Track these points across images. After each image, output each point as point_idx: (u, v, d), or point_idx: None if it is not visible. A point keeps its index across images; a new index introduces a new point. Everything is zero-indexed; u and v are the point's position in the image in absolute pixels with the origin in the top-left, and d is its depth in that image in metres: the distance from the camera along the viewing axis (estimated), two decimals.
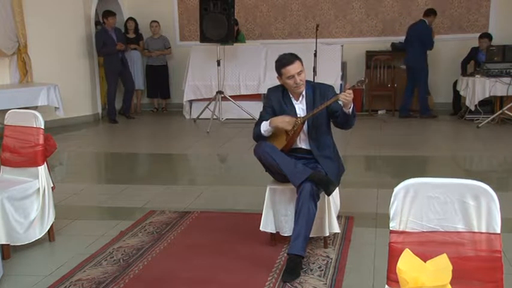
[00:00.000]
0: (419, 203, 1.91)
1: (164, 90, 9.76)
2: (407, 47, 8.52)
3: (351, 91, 3.16)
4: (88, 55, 8.81)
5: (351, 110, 3.26)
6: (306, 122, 3.42)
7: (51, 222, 3.64)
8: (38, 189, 3.57)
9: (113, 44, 8.53)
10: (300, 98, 3.48)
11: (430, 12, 8.44)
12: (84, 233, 3.86)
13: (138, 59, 9.50)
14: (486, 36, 8.37)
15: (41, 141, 3.56)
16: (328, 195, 3.27)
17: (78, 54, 8.67)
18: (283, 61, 3.38)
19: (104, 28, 8.70)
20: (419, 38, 8.29)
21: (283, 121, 3.36)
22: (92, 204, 4.63)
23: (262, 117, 3.48)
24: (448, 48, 8.66)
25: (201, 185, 5.09)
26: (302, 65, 3.39)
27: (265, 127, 3.42)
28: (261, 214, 3.46)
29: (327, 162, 3.43)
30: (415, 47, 8.32)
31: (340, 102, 3.25)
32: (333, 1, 9.35)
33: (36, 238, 3.56)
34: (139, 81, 9.52)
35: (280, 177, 3.39)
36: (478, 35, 8.50)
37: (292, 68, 3.34)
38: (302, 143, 3.49)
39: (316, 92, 3.45)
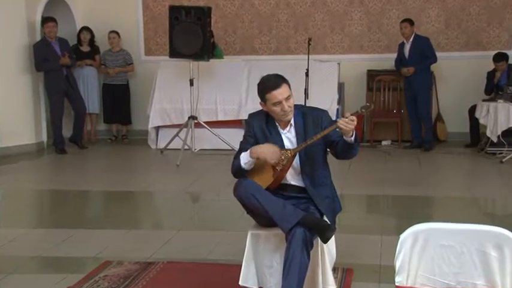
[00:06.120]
0: (431, 253, 1.92)
1: (124, 115, 9.73)
2: None
3: (353, 117, 3.13)
4: (31, 71, 8.74)
5: (353, 138, 3.23)
6: (297, 155, 3.42)
7: None
8: None
9: (56, 58, 8.52)
10: (288, 127, 3.46)
11: None
12: None
13: (93, 76, 9.52)
14: (503, 58, 8.35)
15: None
16: (325, 242, 3.24)
17: (18, 70, 8.61)
18: (268, 84, 3.36)
19: (45, 39, 8.66)
20: None
21: (267, 152, 3.30)
22: (33, 253, 4.55)
23: (242, 149, 3.44)
24: (463, 67, 8.77)
25: (168, 230, 5.06)
26: (290, 88, 3.38)
27: (245, 158, 3.37)
28: (241, 265, 3.44)
29: (325, 202, 3.41)
30: None
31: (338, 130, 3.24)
32: (328, 11, 9.49)
33: None
34: (93, 103, 9.51)
35: (264, 220, 3.37)
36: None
37: (279, 93, 3.31)
38: (293, 180, 3.47)
39: (308, 118, 3.44)
